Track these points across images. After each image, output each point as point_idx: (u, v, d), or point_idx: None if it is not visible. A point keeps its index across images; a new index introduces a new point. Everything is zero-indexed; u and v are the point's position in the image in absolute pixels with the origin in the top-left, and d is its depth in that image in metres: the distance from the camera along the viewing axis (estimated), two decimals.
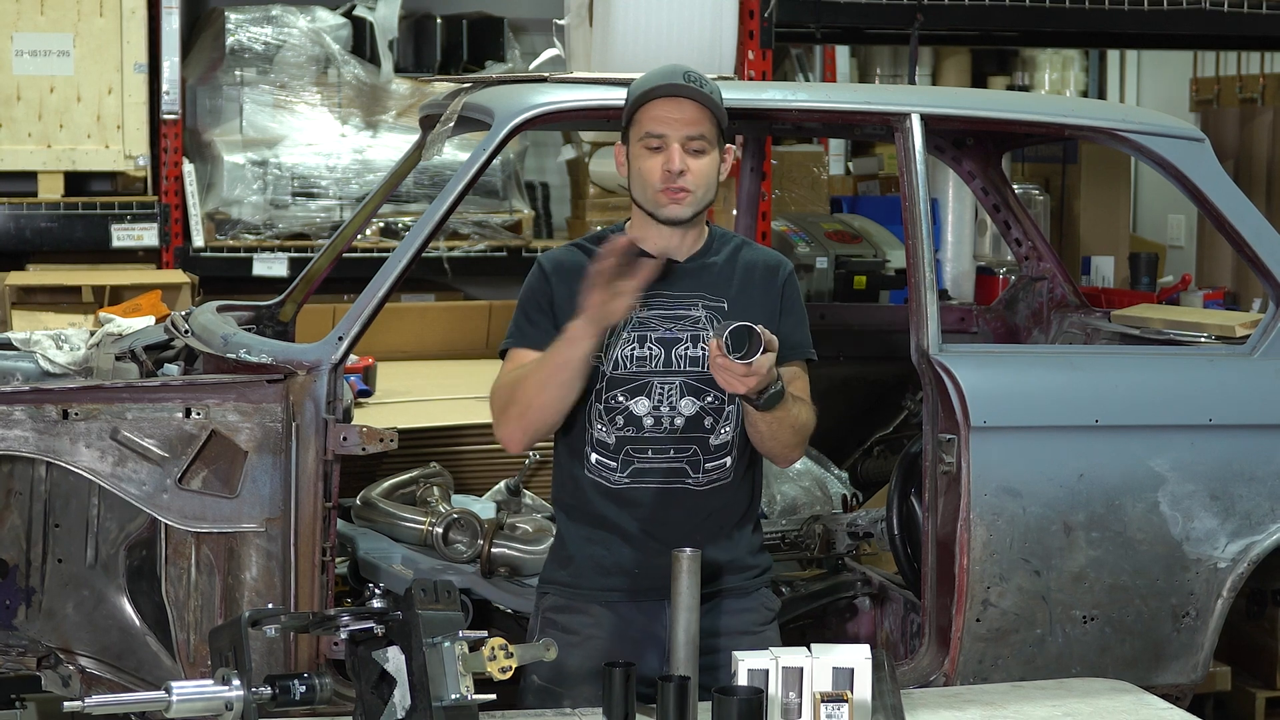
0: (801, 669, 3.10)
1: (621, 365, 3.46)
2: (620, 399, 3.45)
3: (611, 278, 3.27)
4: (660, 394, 3.45)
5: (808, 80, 9.01)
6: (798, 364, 3.55)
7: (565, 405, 3.40)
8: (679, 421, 3.46)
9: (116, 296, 6.42)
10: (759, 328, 3.20)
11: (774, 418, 3.37)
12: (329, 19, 7.69)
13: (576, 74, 4.92)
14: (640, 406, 3.45)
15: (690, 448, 3.47)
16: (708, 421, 3.47)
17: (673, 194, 3.43)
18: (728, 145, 3.52)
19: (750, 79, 5.60)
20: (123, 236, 7.29)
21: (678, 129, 3.41)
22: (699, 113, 3.42)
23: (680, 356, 3.45)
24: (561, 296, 3.47)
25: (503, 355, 3.54)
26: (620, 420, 3.45)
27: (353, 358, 4.63)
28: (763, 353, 3.21)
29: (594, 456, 3.47)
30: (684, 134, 3.41)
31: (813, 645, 3.16)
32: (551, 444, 3.61)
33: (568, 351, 3.33)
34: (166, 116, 7.40)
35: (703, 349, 3.42)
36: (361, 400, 5.54)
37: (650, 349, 3.46)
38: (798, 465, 4.94)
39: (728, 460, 3.49)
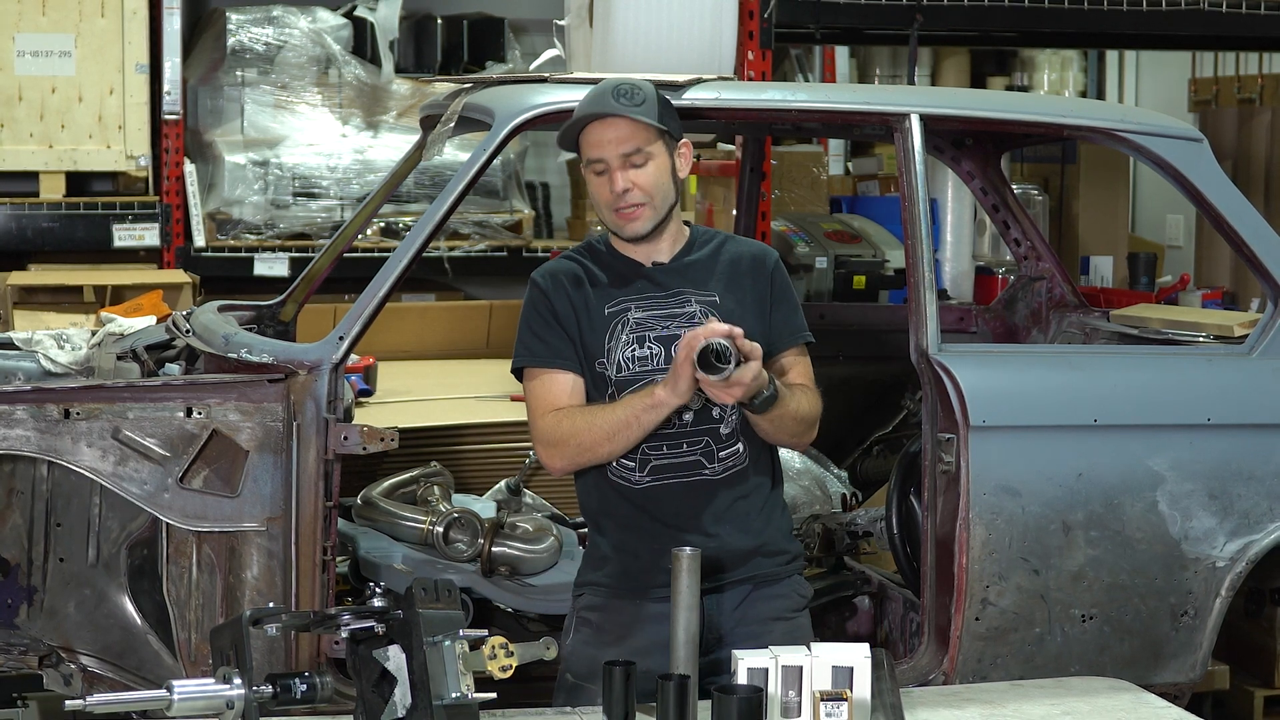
0: (801, 667, 3.10)
1: (624, 367, 3.48)
2: None
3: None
4: None
5: (807, 81, 9.03)
6: (796, 349, 3.58)
7: (625, 452, 3.46)
8: (688, 416, 3.47)
9: (118, 296, 6.43)
10: (731, 342, 3.24)
11: (774, 415, 3.41)
12: (330, 19, 7.71)
13: (577, 74, 4.93)
14: None
15: (702, 439, 3.49)
16: (715, 412, 3.49)
17: (625, 214, 3.46)
18: (682, 141, 3.54)
19: (750, 79, 5.61)
20: (124, 236, 7.31)
21: (612, 149, 3.44)
22: (631, 127, 3.44)
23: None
24: (562, 306, 3.51)
25: (517, 373, 3.56)
26: None
27: (353, 357, 4.64)
28: (740, 364, 3.24)
29: (614, 460, 3.49)
30: (619, 152, 3.44)
31: (812, 644, 3.16)
32: None
33: (647, 417, 3.38)
34: (168, 117, 7.41)
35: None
36: (362, 400, 5.56)
37: (650, 348, 3.48)
38: (797, 464, 4.96)
39: (740, 446, 3.51)
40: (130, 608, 4.12)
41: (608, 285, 3.53)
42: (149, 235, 7.34)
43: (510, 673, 2.86)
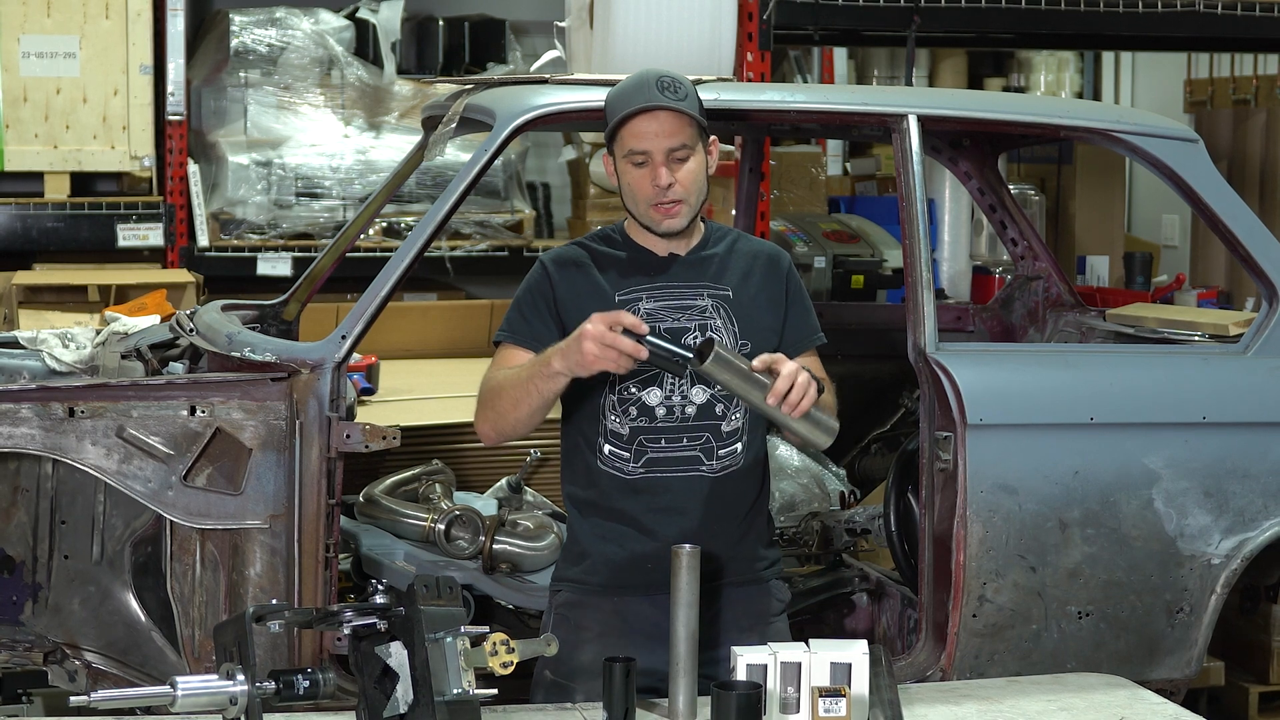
0: (800, 664, 3.11)
1: None
2: (633, 390, 3.47)
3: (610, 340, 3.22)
4: (672, 384, 3.47)
5: (806, 82, 9.05)
6: (811, 350, 3.60)
7: (535, 423, 3.42)
8: (690, 410, 3.47)
9: (122, 296, 6.47)
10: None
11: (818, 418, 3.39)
12: (332, 21, 7.73)
13: (577, 75, 4.96)
14: (652, 397, 3.46)
15: (703, 435, 3.49)
16: (719, 409, 3.48)
17: (665, 209, 3.43)
18: (712, 139, 3.52)
19: (749, 80, 5.63)
20: (128, 236, 7.34)
21: (659, 142, 3.40)
22: (677, 121, 3.41)
23: (689, 346, 3.46)
24: (564, 292, 3.49)
25: (496, 344, 3.56)
26: (634, 411, 3.47)
27: (356, 356, 4.66)
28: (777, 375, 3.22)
29: (608, 448, 3.48)
30: (666, 146, 3.40)
31: (811, 640, 3.18)
32: (556, 440, 3.63)
33: (543, 385, 3.33)
34: (171, 117, 7.44)
35: (713, 336, 3.45)
36: (364, 398, 5.58)
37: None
38: (795, 462, 4.98)
39: (739, 446, 3.51)
40: (134, 604, 4.14)
41: (621, 273, 3.51)
42: (153, 235, 7.37)
43: (511, 669, 2.87)
